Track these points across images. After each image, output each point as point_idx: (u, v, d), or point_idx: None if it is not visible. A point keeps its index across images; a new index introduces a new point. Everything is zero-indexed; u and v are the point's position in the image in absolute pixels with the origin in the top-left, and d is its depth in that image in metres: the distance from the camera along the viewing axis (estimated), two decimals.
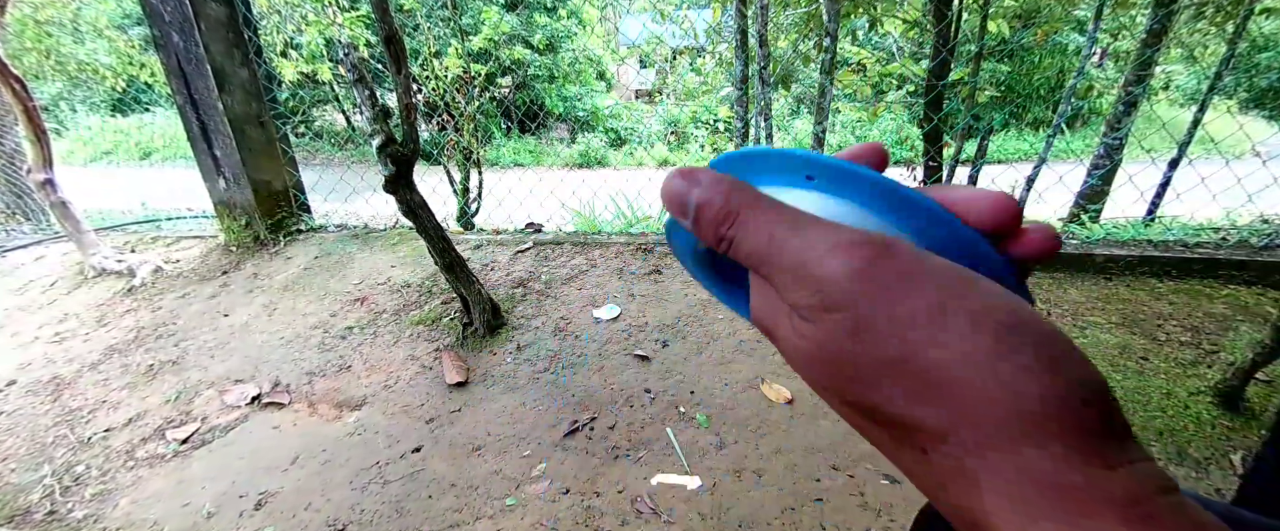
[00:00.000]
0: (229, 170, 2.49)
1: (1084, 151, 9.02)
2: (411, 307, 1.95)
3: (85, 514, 1.27)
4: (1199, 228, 1.92)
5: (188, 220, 3.25)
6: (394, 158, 1.48)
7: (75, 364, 1.84)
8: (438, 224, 1.62)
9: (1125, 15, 4.14)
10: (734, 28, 2.64)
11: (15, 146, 3.52)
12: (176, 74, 2.36)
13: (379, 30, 1.47)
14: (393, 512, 1.18)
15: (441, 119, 3.70)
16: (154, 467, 1.39)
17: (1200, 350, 1.41)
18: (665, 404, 1.41)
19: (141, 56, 7.81)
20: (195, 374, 1.73)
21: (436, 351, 1.71)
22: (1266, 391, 1.25)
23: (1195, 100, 4.34)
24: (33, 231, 3.35)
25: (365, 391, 1.58)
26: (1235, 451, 1.12)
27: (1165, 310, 1.57)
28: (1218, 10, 3.29)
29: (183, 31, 2.26)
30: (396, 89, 1.51)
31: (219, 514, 1.23)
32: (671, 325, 1.71)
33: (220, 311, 2.08)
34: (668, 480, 1.19)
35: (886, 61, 4.55)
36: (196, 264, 2.48)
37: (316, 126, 12.36)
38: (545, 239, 2.33)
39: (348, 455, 1.36)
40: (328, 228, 2.68)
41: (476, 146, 3.63)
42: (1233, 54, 3.33)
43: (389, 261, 2.28)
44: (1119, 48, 6.41)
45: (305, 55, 6.55)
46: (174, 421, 1.54)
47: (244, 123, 2.44)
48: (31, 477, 1.38)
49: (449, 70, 3.78)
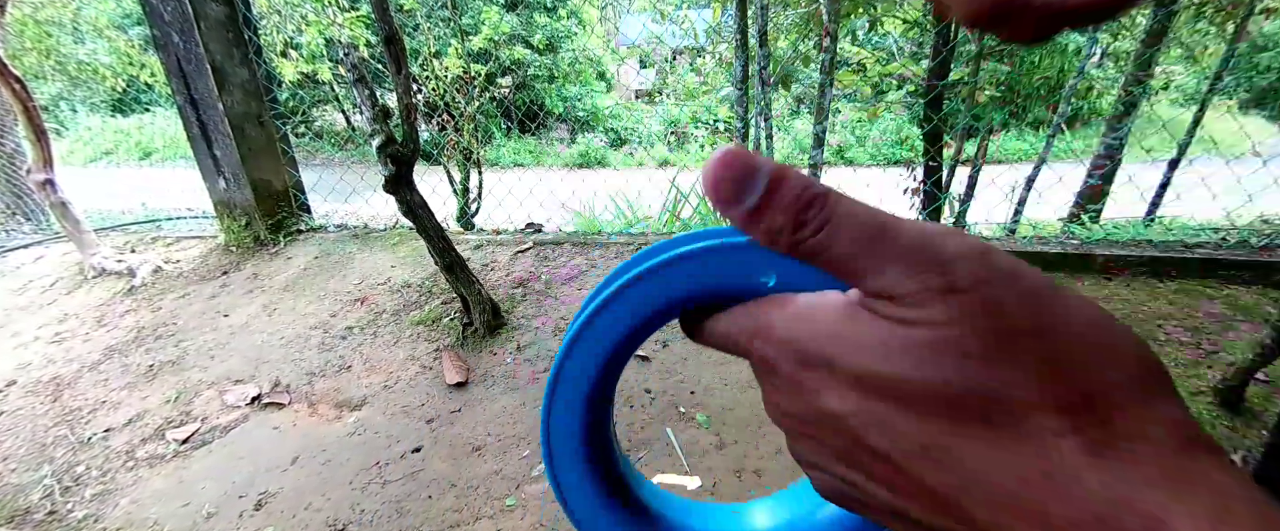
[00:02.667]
0: (229, 170, 2.49)
1: (1084, 151, 9.01)
2: (411, 308, 1.95)
3: (85, 514, 1.27)
4: (1199, 228, 1.92)
5: (188, 220, 3.25)
6: (394, 158, 1.48)
7: (75, 364, 1.84)
8: (438, 224, 1.62)
9: (1125, 15, 4.13)
10: (734, 28, 2.64)
11: (15, 146, 3.52)
12: (176, 74, 2.36)
13: (379, 30, 1.47)
14: (393, 512, 1.18)
15: (441, 119, 3.70)
16: (154, 468, 1.38)
17: (1200, 350, 1.41)
18: (665, 404, 1.41)
19: (141, 56, 7.81)
20: (195, 374, 1.73)
21: (436, 351, 1.71)
22: (1266, 391, 1.25)
23: (1195, 100, 4.34)
24: (33, 231, 3.35)
25: (365, 391, 1.58)
26: (1235, 451, 1.12)
27: (1165, 310, 1.56)
28: (1218, 10, 3.29)
29: (183, 31, 2.26)
30: (396, 89, 1.51)
31: (219, 514, 1.23)
32: (671, 325, 1.71)
33: (220, 311, 2.08)
34: (668, 480, 1.19)
35: (886, 61, 4.55)
36: (196, 264, 2.48)
37: (316, 126, 12.36)
38: (545, 239, 2.33)
39: (348, 455, 1.36)
40: (328, 228, 2.68)
41: (476, 146, 3.63)
42: (1233, 54, 3.33)
43: (389, 261, 2.28)
44: (1119, 48, 6.41)
45: (305, 55, 6.55)
46: (174, 421, 1.53)
47: (244, 122, 2.44)
48: (31, 477, 1.38)
49: (449, 70, 3.78)
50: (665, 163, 10.87)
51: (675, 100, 12.24)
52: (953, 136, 3.80)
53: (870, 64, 4.26)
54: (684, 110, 11.98)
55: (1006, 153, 9.66)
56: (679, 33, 5.90)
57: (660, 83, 13.43)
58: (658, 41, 10.65)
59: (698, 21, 5.80)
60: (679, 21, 5.68)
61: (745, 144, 2.67)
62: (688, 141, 11.68)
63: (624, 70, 14.38)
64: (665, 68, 13.10)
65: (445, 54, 3.98)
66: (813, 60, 3.57)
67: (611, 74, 13.43)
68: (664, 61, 13.01)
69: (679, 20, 5.67)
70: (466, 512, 1.16)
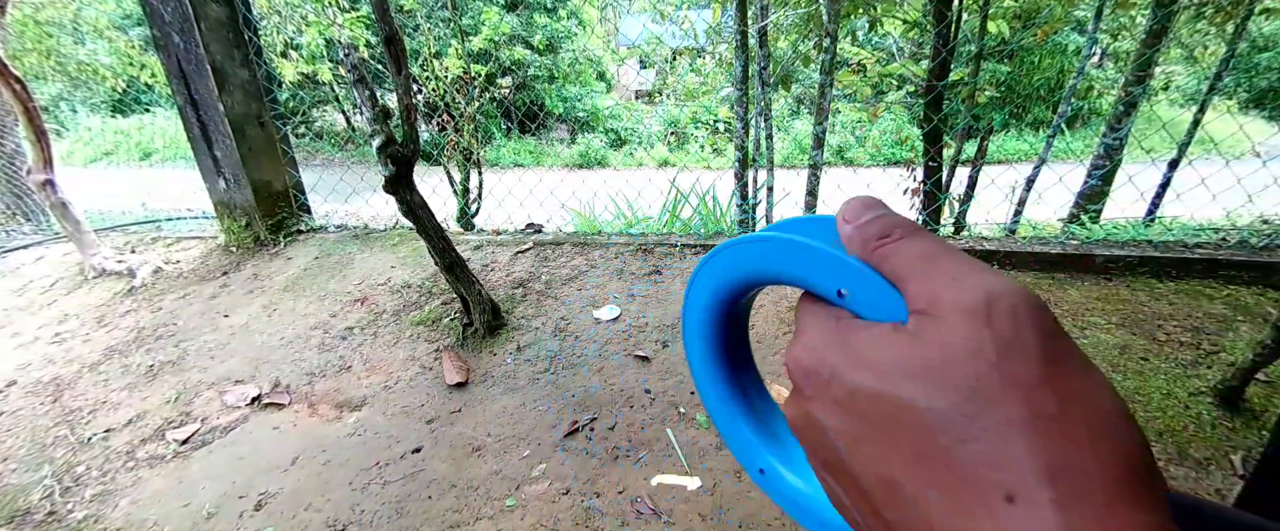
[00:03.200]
0: (229, 170, 2.49)
1: (1084, 151, 9.01)
2: (411, 308, 1.95)
3: (85, 514, 1.27)
4: (1199, 228, 1.92)
5: (188, 221, 3.25)
6: (394, 158, 1.48)
7: (75, 364, 1.84)
8: (438, 224, 1.62)
9: (1125, 15, 4.14)
10: (734, 28, 2.64)
11: (15, 147, 3.52)
12: (177, 75, 2.36)
13: (379, 31, 1.47)
14: (393, 513, 1.18)
15: (441, 119, 3.70)
16: (154, 468, 1.38)
17: (1200, 350, 1.41)
18: (665, 404, 1.41)
19: (142, 57, 7.81)
20: (195, 374, 1.73)
21: (436, 352, 1.71)
22: (1267, 391, 1.25)
23: (1195, 100, 4.34)
24: (33, 232, 3.35)
25: (365, 392, 1.58)
26: (1235, 452, 1.12)
27: (1165, 310, 1.56)
28: (1217, 10, 3.29)
29: (183, 32, 2.26)
30: (397, 89, 1.51)
31: (219, 514, 1.23)
32: (671, 325, 1.71)
33: (220, 312, 2.08)
34: (667, 481, 1.19)
35: (886, 62, 4.55)
36: (196, 264, 2.48)
37: (317, 127, 12.37)
38: (545, 239, 2.33)
39: (348, 455, 1.36)
40: (328, 228, 2.68)
41: (476, 147, 3.63)
42: (1233, 54, 3.33)
43: (389, 262, 2.28)
44: (1119, 48, 6.42)
45: (305, 56, 6.55)
46: (174, 422, 1.53)
47: (244, 123, 2.44)
48: (32, 478, 1.38)
49: (449, 71, 3.78)
50: (665, 163, 10.87)
51: (675, 100, 12.24)
52: (953, 137, 3.80)
53: (870, 64, 4.26)
54: (684, 110, 11.98)
55: (1006, 153, 9.66)
56: (679, 33, 5.89)
57: (660, 83, 13.43)
58: (658, 42, 10.65)
59: (698, 22, 5.80)
60: (679, 22, 5.68)
61: (745, 143, 2.67)
62: (688, 142, 11.68)
63: (624, 70, 14.39)
64: (665, 68, 13.10)
65: (445, 54, 3.98)
66: (813, 60, 3.57)
67: (611, 74, 13.44)
68: (664, 62, 13.01)
69: (679, 21, 5.67)
70: (466, 513, 1.16)
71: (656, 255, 2.13)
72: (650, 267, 2.05)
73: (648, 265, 2.07)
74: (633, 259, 2.12)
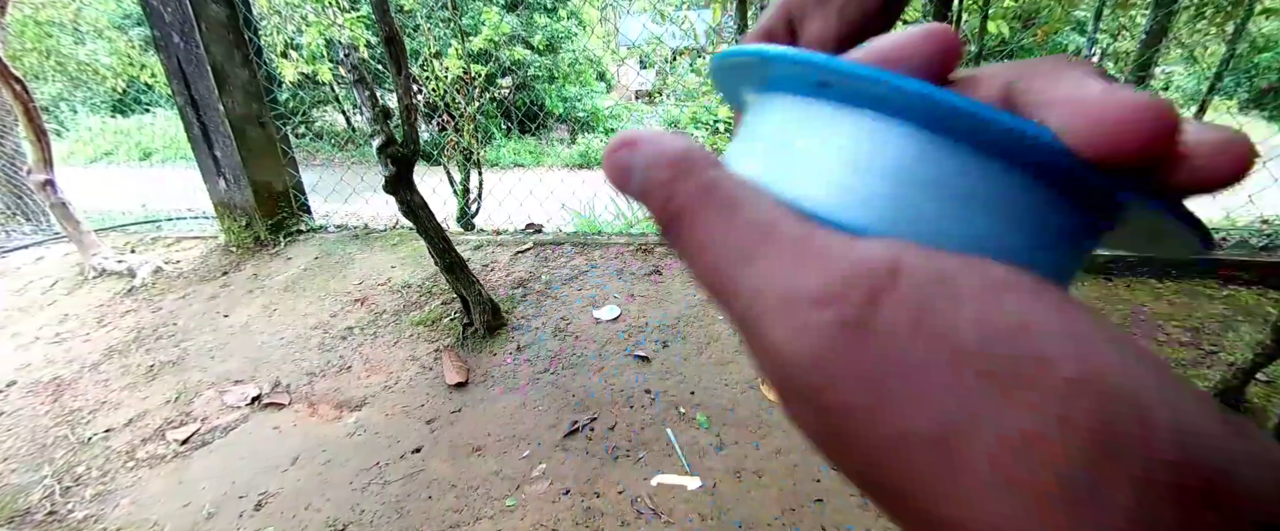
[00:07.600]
0: (229, 171, 2.49)
1: None
2: (412, 308, 1.95)
3: (85, 514, 1.27)
4: None
5: (188, 221, 3.25)
6: (394, 158, 1.48)
7: (75, 364, 1.84)
8: (438, 224, 1.62)
9: (1125, 15, 4.14)
10: (734, 28, 2.63)
11: (15, 147, 3.52)
12: (177, 75, 2.36)
13: (379, 31, 1.47)
14: (393, 513, 1.18)
15: (441, 119, 3.70)
16: (154, 468, 1.38)
17: (1200, 350, 1.41)
18: (665, 404, 1.41)
19: (142, 57, 7.82)
20: (195, 374, 1.73)
21: (436, 352, 1.71)
22: (1267, 391, 1.25)
23: (1195, 101, 4.34)
24: (33, 232, 3.35)
25: (365, 392, 1.58)
26: None
27: (1165, 310, 1.56)
28: (1217, 10, 3.29)
29: (183, 32, 2.26)
30: (397, 90, 1.51)
31: (219, 514, 1.23)
32: (672, 325, 1.71)
33: (220, 312, 2.08)
34: (668, 480, 1.19)
35: None
36: (196, 264, 2.48)
37: (317, 127, 12.35)
38: (545, 239, 2.33)
39: (348, 455, 1.36)
40: (328, 228, 2.68)
41: (477, 147, 3.63)
42: (1233, 54, 3.33)
43: (389, 262, 2.28)
44: (1119, 48, 6.41)
45: (306, 56, 6.55)
46: (174, 422, 1.54)
47: (244, 123, 2.45)
48: (31, 478, 1.38)
49: (449, 71, 3.78)
50: None
51: (675, 101, 12.24)
52: None
53: None
54: (684, 110, 11.98)
55: None
56: (679, 33, 5.88)
57: (660, 83, 13.42)
58: (658, 42, 10.65)
59: (698, 22, 5.80)
60: (679, 22, 5.67)
61: None
62: None
63: (624, 71, 14.38)
64: (665, 68, 13.10)
65: (445, 54, 3.97)
66: None
67: (612, 74, 13.44)
68: (664, 62, 13.01)
69: (679, 21, 5.67)
70: (466, 513, 1.16)
71: (656, 255, 2.13)
72: (650, 268, 2.05)
73: (648, 265, 2.07)
74: (633, 259, 2.12)
